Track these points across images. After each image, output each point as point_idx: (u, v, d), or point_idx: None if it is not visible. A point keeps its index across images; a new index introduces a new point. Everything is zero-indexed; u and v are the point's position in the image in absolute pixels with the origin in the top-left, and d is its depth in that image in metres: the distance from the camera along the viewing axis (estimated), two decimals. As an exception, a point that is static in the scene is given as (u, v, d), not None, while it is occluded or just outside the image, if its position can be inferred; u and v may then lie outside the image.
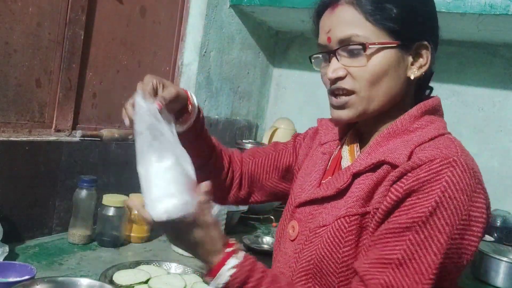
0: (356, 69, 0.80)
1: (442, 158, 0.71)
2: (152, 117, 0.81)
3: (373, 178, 0.79)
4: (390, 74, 0.80)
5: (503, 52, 2.08)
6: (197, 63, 1.90)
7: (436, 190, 0.69)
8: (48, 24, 1.34)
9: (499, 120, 2.09)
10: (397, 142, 0.80)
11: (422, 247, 0.69)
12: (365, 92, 0.81)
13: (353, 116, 0.83)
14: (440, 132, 0.81)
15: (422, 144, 0.78)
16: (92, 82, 1.54)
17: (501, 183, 2.06)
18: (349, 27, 0.80)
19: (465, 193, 0.70)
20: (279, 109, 2.55)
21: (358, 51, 0.79)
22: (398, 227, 0.71)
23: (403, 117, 0.83)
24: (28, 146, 1.26)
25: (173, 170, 0.76)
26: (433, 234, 0.69)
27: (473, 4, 1.60)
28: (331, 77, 0.82)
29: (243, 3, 2.00)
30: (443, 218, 0.69)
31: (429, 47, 0.82)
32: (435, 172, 0.70)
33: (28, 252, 1.21)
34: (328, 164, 0.93)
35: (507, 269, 1.48)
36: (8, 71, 1.26)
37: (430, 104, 0.85)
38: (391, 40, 0.79)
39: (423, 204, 0.70)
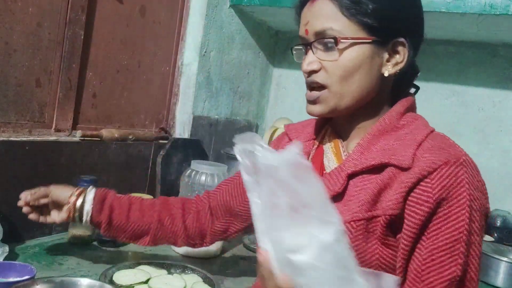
0: (329, 63, 0.80)
1: (455, 160, 0.74)
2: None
3: (378, 181, 0.77)
4: (362, 70, 0.80)
5: (503, 52, 2.08)
6: (197, 63, 1.90)
7: (464, 195, 0.72)
8: (48, 24, 1.34)
9: (499, 120, 2.09)
10: (390, 140, 0.80)
11: (472, 254, 0.72)
12: (336, 87, 0.80)
13: (324, 112, 0.83)
14: (429, 128, 0.82)
15: (422, 144, 0.77)
16: (92, 82, 1.54)
17: (501, 183, 2.06)
18: (325, 20, 0.79)
19: (480, 190, 0.74)
20: (279, 109, 2.55)
21: (332, 45, 0.79)
22: (447, 243, 0.71)
23: (390, 114, 0.82)
24: (28, 146, 1.26)
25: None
26: (474, 239, 0.72)
27: (473, 4, 1.60)
28: (306, 70, 0.82)
29: (243, 3, 2.00)
30: (477, 221, 0.72)
31: (406, 45, 0.82)
32: (455, 176, 0.72)
33: (28, 252, 1.21)
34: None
35: (507, 269, 1.48)
36: (8, 71, 1.26)
37: (410, 101, 0.86)
38: (366, 36, 0.79)
39: (459, 212, 0.71)
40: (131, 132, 1.64)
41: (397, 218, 0.75)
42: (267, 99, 2.58)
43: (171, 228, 1.10)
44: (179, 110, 1.92)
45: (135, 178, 1.66)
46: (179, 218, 1.10)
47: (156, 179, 1.73)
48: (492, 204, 2.07)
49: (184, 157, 1.80)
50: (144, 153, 1.69)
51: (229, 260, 1.43)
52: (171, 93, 1.91)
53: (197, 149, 1.89)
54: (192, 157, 1.79)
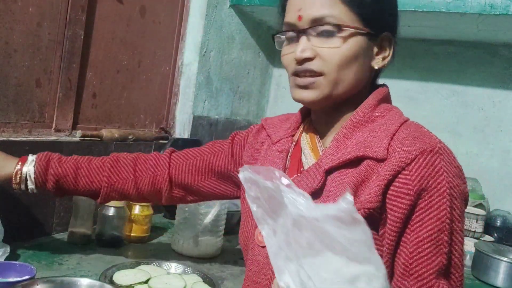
0: (327, 50, 0.78)
1: (431, 148, 0.73)
2: None
3: (355, 175, 0.76)
4: (359, 60, 0.79)
5: (503, 52, 2.08)
6: (197, 63, 1.90)
7: (443, 183, 0.72)
8: (48, 24, 1.34)
9: (499, 120, 2.09)
10: (364, 133, 0.79)
11: (455, 241, 0.73)
12: (333, 74, 0.78)
13: (317, 98, 0.80)
14: (403, 118, 0.81)
15: (396, 134, 0.77)
16: (92, 82, 1.54)
17: (501, 183, 2.06)
18: (323, 7, 0.77)
19: (458, 176, 0.74)
20: (279, 109, 2.55)
21: (331, 33, 0.77)
22: (431, 233, 0.72)
23: (363, 106, 0.82)
24: (28, 146, 1.26)
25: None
26: (456, 226, 0.73)
27: (473, 4, 1.60)
28: (300, 57, 0.79)
29: (243, 3, 2.00)
30: (458, 208, 0.73)
31: (392, 40, 0.83)
32: (432, 165, 0.72)
33: (28, 252, 1.21)
34: (286, 162, 0.88)
35: (507, 269, 1.48)
36: (8, 71, 1.26)
37: (383, 92, 0.85)
38: (362, 27, 0.79)
39: (440, 201, 0.72)
40: (131, 132, 1.64)
41: (376, 212, 0.74)
42: (267, 99, 2.58)
43: (122, 190, 1.09)
44: (179, 110, 1.92)
45: (135, 178, 1.66)
46: (130, 182, 1.08)
47: (156, 179, 1.73)
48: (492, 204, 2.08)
49: (184, 157, 1.80)
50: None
51: (229, 260, 1.43)
52: (171, 93, 1.91)
53: (197, 149, 1.89)
54: (192, 157, 1.79)
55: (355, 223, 0.53)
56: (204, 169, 1.07)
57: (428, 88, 2.21)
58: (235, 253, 1.49)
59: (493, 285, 1.49)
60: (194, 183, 1.08)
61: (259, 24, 2.32)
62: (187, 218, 1.41)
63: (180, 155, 1.10)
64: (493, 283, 1.49)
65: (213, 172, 1.07)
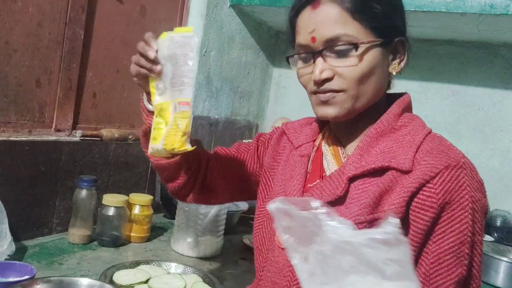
0: (345, 69, 0.78)
1: (455, 163, 0.75)
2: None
3: (379, 184, 0.76)
4: (377, 72, 0.80)
5: (504, 52, 2.08)
6: (197, 63, 1.90)
7: (466, 197, 0.73)
8: (48, 24, 1.34)
9: (499, 120, 2.09)
10: (388, 142, 0.80)
11: (474, 254, 0.75)
12: (354, 90, 0.79)
13: (340, 114, 0.80)
14: (426, 129, 0.82)
15: (421, 146, 0.78)
16: (92, 82, 1.54)
17: (501, 183, 2.06)
18: (337, 26, 0.77)
19: (480, 191, 0.76)
20: (279, 109, 2.55)
21: (348, 51, 0.77)
22: (453, 246, 0.74)
23: (388, 116, 0.83)
24: (28, 146, 1.26)
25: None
26: (477, 239, 0.75)
27: (473, 4, 1.60)
28: (320, 79, 0.79)
29: (243, 3, 2.00)
30: (479, 221, 0.75)
31: (405, 43, 0.84)
32: (456, 179, 0.74)
33: (28, 252, 1.21)
34: (308, 166, 0.89)
35: (507, 269, 1.48)
36: (8, 71, 1.26)
37: (407, 100, 0.86)
38: (376, 38, 0.79)
39: (462, 215, 0.74)
40: (131, 132, 1.64)
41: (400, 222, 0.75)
42: (267, 99, 2.58)
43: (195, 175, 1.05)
44: (179, 110, 1.92)
45: (135, 178, 1.66)
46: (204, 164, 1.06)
47: (156, 179, 1.73)
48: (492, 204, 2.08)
49: (184, 157, 1.80)
50: (144, 153, 1.69)
51: (229, 260, 1.43)
52: (171, 93, 1.91)
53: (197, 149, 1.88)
54: (192, 157, 1.79)
55: (399, 244, 0.56)
56: (230, 170, 1.05)
57: (428, 88, 2.21)
58: (235, 253, 1.49)
59: (493, 285, 1.49)
60: (221, 185, 1.06)
61: (259, 24, 2.32)
62: (187, 218, 1.41)
63: (214, 155, 1.09)
64: (493, 283, 1.49)
65: (238, 172, 1.05)
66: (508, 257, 1.51)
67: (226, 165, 1.06)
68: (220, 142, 2.09)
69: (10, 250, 1.10)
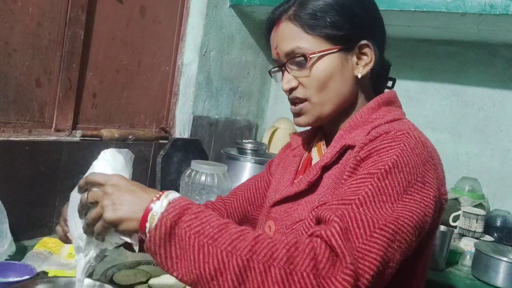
0: (304, 79, 0.86)
1: (397, 130, 0.76)
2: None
3: (339, 166, 0.83)
4: (335, 78, 0.85)
5: (504, 52, 2.08)
6: (197, 63, 1.90)
7: (395, 149, 0.73)
8: (48, 24, 1.34)
9: (499, 120, 2.09)
10: (358, 132, 0.84)
11: (382, 193, 0.70)
12: (316, 98, 0.86)
13: (309, 121, 0.89)
14: (396, 117, 0.84)
15: (379, 126, 0.81)
16: (92, 82, 1.54)
17: (501, 183, 2.06)
18: (291, 41, 0.85)
19: (419, 158, 0.74)
20: (279, 109, 2.55)
21: (302, 63, 0.85)
22: (361, 174, 0.73)
23: (362, 110, 0.87)
24: (28, 146, 1.26)
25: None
26: (393, 184, 0.70)
27: (473, 4, 1.60)
28: (285, 89, 0.89)
29: (243, 3, 2.00)
30: (403, 173, 0.72)
31: (370, 46, 0.86)
32: (392, 139, 0.75)
33: (28, 252, 1.21)
34: (299, 165, 0.97)
35: (507, 269, 1.48)
36: (8, 71, 1.26)
37: (386, 96, 0.89)
38: (332, 46, 0.84)
39: (383, 159, 0.73)
40: (131, 132, 1.64)
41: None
42: (267, 99, 2.58)
43: None
44: (179, 110, 1.92)
45: (135, 178, 1.65)
46: None
47: (156, 179, 1.73)
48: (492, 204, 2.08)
49: (184, 157, 1.80)
50: (144, 153, 1.69)
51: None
52: (171, 93, 1.91)
53: (197, 149, 1.89)
54: (192, 157, 1.79)
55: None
56: (253, 197, 1.11)
57: (428, 88, 2.21)
58: (235, 253, 1.49)
59: (493, 285, 1.49)
60: (249, 215, 1.11)
61: (259, 24, 2.32)
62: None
63: (230, 195, 1.15)
64: (493, 283, 1.49)
65: (260, 197, 1.11)
66: (508, 257, 1.51)
67: (244, 197, 1.11)
68: (220, 142, 2.09)
69: (11, 250, 1.10)
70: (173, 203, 0.68)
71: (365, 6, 0.88)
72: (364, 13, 0.87)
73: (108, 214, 0.70)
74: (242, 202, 1.11)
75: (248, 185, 1.14)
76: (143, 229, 0.68)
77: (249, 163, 1.80)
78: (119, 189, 0.73)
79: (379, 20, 0.91)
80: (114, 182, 0.75)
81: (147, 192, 0.73)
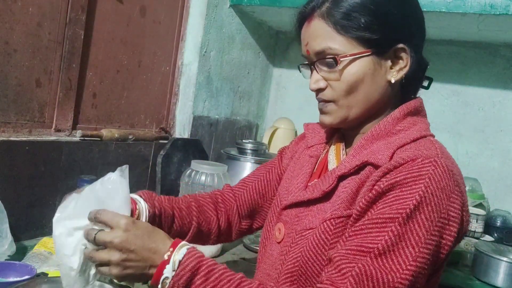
0: (333, 81, 0.83)
1: (424, 158, 0.73)
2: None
3: (357, 180, 0.79)
4: (366, 82, 0.81)
5: (504, 52, 2.08)
6: (197, 63, 1.90)
7: (419, 185, 0.70)
8: (48, 24, 1.34)
9: (499, 120, 2.09)
10: (380, 144, 0.81)
11: (403, 239, 0.68)
12: (343, 101, 0.83)
13: (334, 122, 0.86)
14: (422, 134, 0.81)
15: (404, 146, 0.78)
16: (92, 82, 1.54)
17: (501, 183, 2.06)
18: (322, 40, 0.82)
19: (444, 192, 0.71)
20: (279, 109, 2.55)
21: (332, 64, 0.81)
22: (381, 218, 0.70)
23: (386, 120, 0.83)
24: (28, 146, 1.26)
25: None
26: (413, 227, 0.69)
27: (473, 4, 1.60)
28: (313, 88, 0.85)
29: (243, 3, 2.00)
30: (424, 213, 0.69)
31: (406, 50, 0.82)
32: (417, 169, 0.72)
33: (28, 252, 1.21)
34: (315, 167, 0.93)
35: (507, 269, 1.47)
36: (8, 71, 1.26)
37: (412, 105, 0.86)
38: (364, 49, 0.80)
39: (407, 197, 0.70)
40: (131, 132, 1.64)
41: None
42: (267, 99, 2.58)
43: (207, 232, 1.06)
44: (179, 110, 1.92)
45: (135, 178, 1.66)
46: (214, 223, 1.06)
47: (156, 179, 1.73)
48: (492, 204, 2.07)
49: (184, 157, 1.80)
50: (144, 153, 1.69)
51: (229, 260, 1.43)
52: (171, 93, 1.91)
53: (197, 149, 1.89)
54: (192, 157, 1.79)
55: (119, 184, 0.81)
56: (264, 189, 1.09)
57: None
58: (235, 253, 1.49)
59: (493, 285, 1.49)
60: (258, 207, 1.10)
61: (259, 24, 2.32)
62: (187, 218, 1.41)
63: (239, 185, 1.12)
64: (493, 283, 1.49)
65: (271, 189, 1.09)
66: (508, 257, 1.51)
67: (254, 188, 1.09)
68: (220, 142, 2.09)
69: (11, 250, 1.10)
70: (182, 264, 0.69)
71: (403, 7, 0.83)
72: (401, 15, 0.82)
73: (115, 272, 0.71)
74: (252, 194, 1.09)
75: (259, 176, 1.10)
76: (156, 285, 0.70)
77: (249, 163, 1.80)
78: (128, 243, 0.71)
79: (419, 21, 0.87)
80: (123, 231, 0.73)
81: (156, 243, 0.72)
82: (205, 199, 1.08)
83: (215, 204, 1.08)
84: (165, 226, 0.98)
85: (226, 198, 1.10)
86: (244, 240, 1.56)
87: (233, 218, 1.09)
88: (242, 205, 1.09)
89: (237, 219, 1.09)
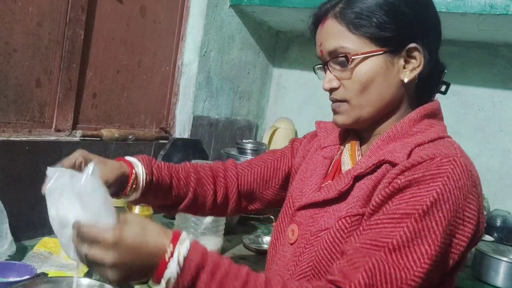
0: (346, 80, 0.83)
1: (443, 156, 0.72)
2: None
3: (373, 178, 0.79)
4: (378, 81, 0.81)
5: (504, 52, 2.08)
6: (197, 63, 1.90)
7: (437, 183, 0.69)
8: (48, 24, 1.34)
9: (499, 120, 2.09)
10: (397, 145, 0.80)
11: (418, 235, 0.68)
12: (355, 100, 0.83)
13: (347, 122, 0.86)
14: (440, 135, 0.81)
15: (422, 145, 0.78)
16: (92, 82, 1.54)
17: (501, 183, 2.06)
18: (335, 40, 0.82)
19: (462, 192, 0.71)
20: (279, 109, 2.55)
21: (344, 63, 0.81)
22: (397, 213, 0.70)
23: (403, 121, 0.83)
24: (28, 146, 1.26)
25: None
26: (430, 225, 0.68)
27: (473, 4, 1.60)
28: (326, 88, 0.86)
29: (243, 3, 2.00)
30: (441, 211, 0.69)
31: (419, 49, 0.82)
32: (436, 168, 0.71)
33: (28, 252, 1.21)
34: (329, 168, 0.92)
35: (507, 269, 1.47)
36: (8, 71, 1.26)
37: (430, 108, 0.85)
38: (377, 48, 0.80)
39: (424, 194, 0.69)
40: (131, 132, 1.64)
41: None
42: (267, 99, 2.58)
43: (202, 204, 1.05)
44: (179, 110, 1.92)
45: (135, 178, 1.66)
46: (211, 196, 1.05)
47: (156, 179, 1.73)
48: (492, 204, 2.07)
49: (184, 157, 1.80)
50: (144, 153, 1.68)
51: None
52: (171, 93, 1.91)
53: (197, 149, 1.89)
54: (192, 157, 1.79)
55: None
56: (269, 176, 1.08)
57: (428, 88, 2.21)
58: (235, 253, 1.49)
59: (493, 285, 1.49)
60: (258, 192, 1.09)
61: (259, 24, 2.32)
62: (187, 218, 1.41)
63: (245, 165, 1.11)
64: (493, 283, 1.49)
65: (277, 178, 1.08)
66: (508, 257, 1.51)
67: (259, 172, 1.08)
68: (220, 142, 2.09)
69: (11, 250, 1.10)
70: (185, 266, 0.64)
71: (416, 6, 0.82)
72: (415, 14, 0.81)
73: (115, 283, 0.66)
74: (256, 178, 1.07)
75: (267, 161, 1.09)
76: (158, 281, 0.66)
77: (249, 163, 1.80)
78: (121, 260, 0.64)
79: (433, 21, 0.86)
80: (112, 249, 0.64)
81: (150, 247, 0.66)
82: (206, 171, 1.06)
83: (215, 178, 1.07)
84: (161, 194, 0.98)
85: (228, 175, 1.08)
86: (244, 240, 1.56)
87: (232, 195, 1.08)
88: (244, 186, 1.08)
89: (235, 197, 1.08)
